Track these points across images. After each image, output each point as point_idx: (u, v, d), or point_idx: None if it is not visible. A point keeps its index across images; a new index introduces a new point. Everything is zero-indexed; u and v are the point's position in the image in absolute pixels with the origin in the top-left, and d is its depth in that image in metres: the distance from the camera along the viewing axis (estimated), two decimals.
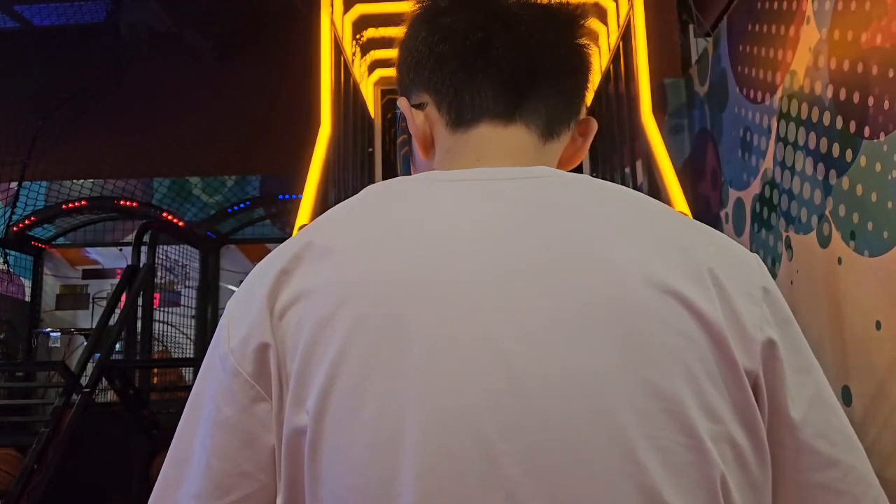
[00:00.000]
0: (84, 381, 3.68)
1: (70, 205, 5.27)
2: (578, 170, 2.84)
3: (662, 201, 2.38)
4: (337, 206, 0.65)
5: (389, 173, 4.06)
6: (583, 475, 0.49)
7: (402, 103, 0.71)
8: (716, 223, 3.14)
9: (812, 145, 2.21)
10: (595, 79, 3.35)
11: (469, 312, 0.53)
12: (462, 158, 0.67)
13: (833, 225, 2.10)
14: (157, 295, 4.97)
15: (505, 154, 0.66)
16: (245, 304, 0.60)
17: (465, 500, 0.49)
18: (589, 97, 0.71)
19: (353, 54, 3.29)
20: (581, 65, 0.70)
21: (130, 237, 4.98)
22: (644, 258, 0.55)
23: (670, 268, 0.55)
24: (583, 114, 0.73)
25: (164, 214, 5.24)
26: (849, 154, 1.98)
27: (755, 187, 2.73)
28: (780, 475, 0.57)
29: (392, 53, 3.69)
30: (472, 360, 0.51)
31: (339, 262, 0.56)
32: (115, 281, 4.78)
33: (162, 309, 5.17)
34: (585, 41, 0.70)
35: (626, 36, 2.62)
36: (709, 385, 0.53)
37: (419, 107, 0.70)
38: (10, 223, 5.35)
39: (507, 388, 0.50)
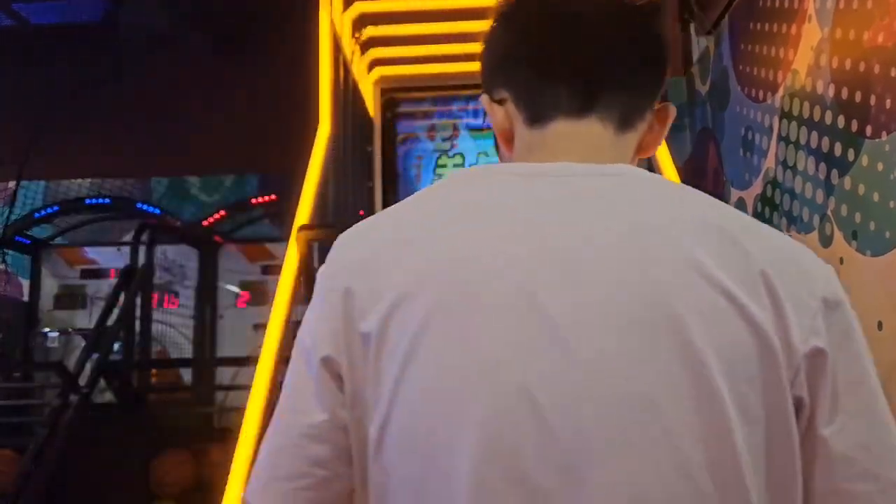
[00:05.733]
0: (82, 381, 3.67)
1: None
2: None
3: None
4: (413, 197, 0.70)
5: (389, 172, 4.05)
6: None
7: (484, 99, 0.75)
8: None
9: (814, 144, 2.20)
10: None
11: (524, 288, 0.58)
12: (540, 153, 0.70)
13: (835, 224, 2.09)
14: (156, 295, 4.96)
15: (582, 149, 0.69)
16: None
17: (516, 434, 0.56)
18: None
19: (353, 53, 3.28)
20: (654, 57, 0.72)
21: (128, 237, 4.97)
22: (700, 256, 0.58)
23: (724, 268, 0.58)
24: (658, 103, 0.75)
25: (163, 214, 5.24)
26: (851, 153, 1.97)
27: (757, 187, 2.72)
28: (815, 479, 0.58)
29: (392, 52, 3.66)
30: (521, 325, 0.58)
31: (412, 249, 0.63)
32: (114, 281, 4.77)
33: (160, 309, 5.16)
34: (657, 32, 0.72)
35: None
36: (745, 385, 0.56)
37: (499, 102, 0.73)
38: (9, 223, 5.34)
39: (549, 346, 0.57)
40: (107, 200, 5.45)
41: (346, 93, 3.00)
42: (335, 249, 0.67)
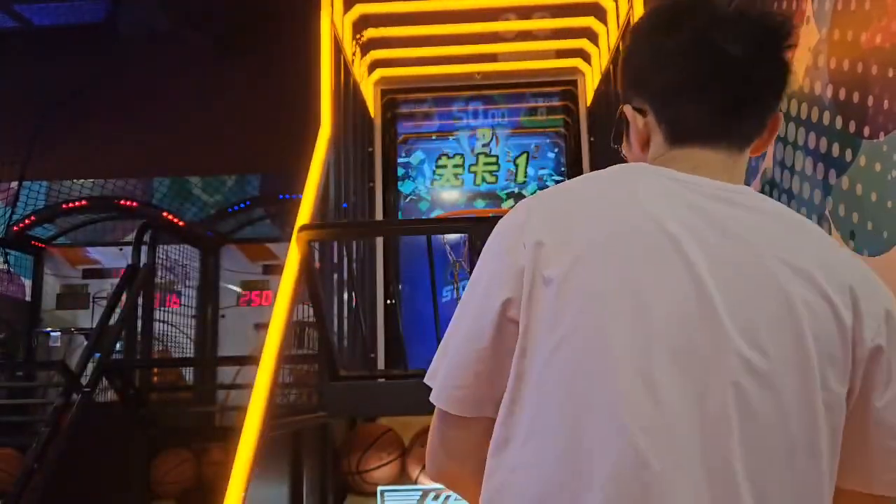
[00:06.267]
0: (84, 380, 3.68)
1: (70, 204, 5.26)
2: (579, 169, 2.85)
3: None
4: (584, 178, 0.89)
5: (389, 172, 4.06)
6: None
7: (627, 110, 0.91)
8: None
9: (812, 145, 2.21)
10: (595, 79, 3.34)
11: (682, 261, 0.76)
12: (678, 165, 0.86)
13: (833, 224, 2.10)
14: (158, 294, 4.97)
15: (715, 168, 0.86)
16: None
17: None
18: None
19: (354, 54, 3.29)
20: (783, 80, 0.87)
21: (130, 237, 4.97)
22: (808, 263, 0.78)
23: (824, 276, 0.78)
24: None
25: (164, 214, 5.24)
26: (848, 154, 1.98)
27: (755, 187, 2.73)
28: (870, 438, 0.79)
29: (392, 53, 3.67)
30: (685, 290, 0.76)
31: (590, 218, 0.80)
32: (116, 280, 4.78)
33: (162, 308, 5.17)
34: (788, 59, 0.86)
35: (626, 36, 2.62)
36: (827, 362, 0.76)
37: (640, 112, 0.90)
38: (11, 223, 5.35)
39: (703, 311, 0.75)
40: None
41: (347, 93, 3.02)
42: (523, 212, 0.83)
